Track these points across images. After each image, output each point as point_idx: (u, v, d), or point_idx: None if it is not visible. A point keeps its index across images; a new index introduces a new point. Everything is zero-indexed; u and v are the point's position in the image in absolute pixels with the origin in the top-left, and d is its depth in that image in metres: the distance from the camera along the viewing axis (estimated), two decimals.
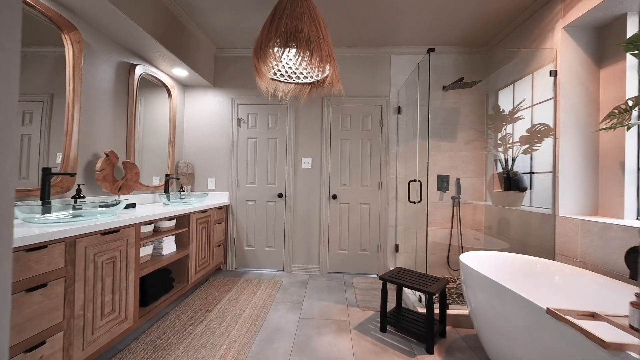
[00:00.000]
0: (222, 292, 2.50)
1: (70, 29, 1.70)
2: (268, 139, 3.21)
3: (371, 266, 3.12)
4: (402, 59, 3.10)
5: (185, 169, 3.07)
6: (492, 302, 1.40)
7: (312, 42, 1.71)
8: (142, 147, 2.59)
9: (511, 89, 2.79)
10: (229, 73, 3.22)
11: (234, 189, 3.20)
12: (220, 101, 3.22)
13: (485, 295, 1.47)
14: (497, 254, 1.88)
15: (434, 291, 1.65)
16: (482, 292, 1.50)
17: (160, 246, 2.06)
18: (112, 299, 1.46)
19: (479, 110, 3.05)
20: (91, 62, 1.94)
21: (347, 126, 3.16)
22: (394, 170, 3.09)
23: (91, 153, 1.93)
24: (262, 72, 1.87)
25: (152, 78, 2.61)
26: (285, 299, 2.42)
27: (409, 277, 1.91)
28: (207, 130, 3.23)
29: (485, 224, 2.94)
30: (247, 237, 3.21)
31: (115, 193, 2.00)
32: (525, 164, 2.57)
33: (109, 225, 1.42)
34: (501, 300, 1.34)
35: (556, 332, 1.04)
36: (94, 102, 1.97)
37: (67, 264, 1.22)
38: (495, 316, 1.39)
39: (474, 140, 3.05)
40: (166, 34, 2.32)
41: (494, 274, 1.78)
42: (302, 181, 3.17)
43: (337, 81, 2.00)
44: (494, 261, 1.87)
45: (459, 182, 3.01)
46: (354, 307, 2.30)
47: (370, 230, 3.12)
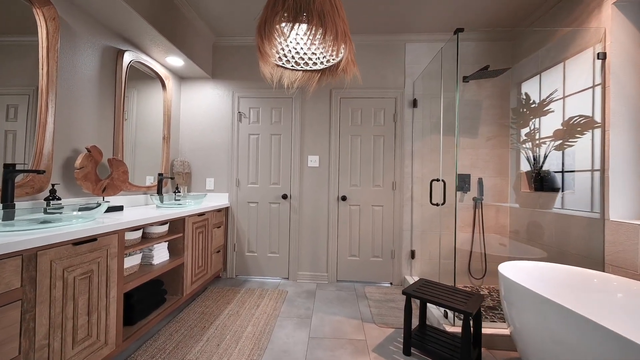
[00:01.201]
0: (221, 304, 2.25)
1: (43, 2, 1.45)
2: (271, 135, 2.96)
3: (384, 274, 2.86)
4: (418, 48, 2.84)
5: (181, 168, 2.83)
6: (552, 328, 1.14)
7: (325, 16, 1.46)
8: (135, 143, 2.34)
9: (537, 80, 2.53)
10: (229, 63, 2.98)
11: (235, 190, 2.95)
12: (219, 94, 2.98)
13: (538, 317, 1.21)
14: (541, 264, 1.61)
15: (471, 311, 1.39)
16: (533, 312, 1.24)
17: (150, 255, 1.81)
18: (87, 322, 1.21)
19: (502, 103, 2.79)
20: (70, 44, 1.69)
21: (357, 121, 2.90)
22: (409, 169, 2.84)
23: (70, 148, 1.69)
24: (267, 54, 1.62)
25: (143, 67, 2.37)
26: (292, 312, 2.17)
27: (436, 292, 1.65)
28: (205, 125, 2.98)
29: (511, 228, 2.67)
30: (249, 242, 2.95)
31: (98, 194, 1.75)
32: (558, 162, 2.30)
33: (83, 233, 1.17)
34: (566, 327, 1.08)
35: None
36: (74, 90, 1.73)
37: (25, 283, 0.97)
38: (554, 344, 1.13)
39: (497, 136, 2.78)
40: (159, 16, 2.07)
41: (542, 289, 1.52)
42: (308, 181, 2.92)
43: (352, 65, 1.75)
44: (539, 273, 1.60)
45: (481, 182, 2.74)
46: (370, 322, 2.04)
47: (383, 235, 2.86)
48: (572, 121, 2.10)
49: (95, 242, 1.24)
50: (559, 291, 1.50)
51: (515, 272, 1.57)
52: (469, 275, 2.73)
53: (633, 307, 1.37)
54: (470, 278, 2.73)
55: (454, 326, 1.81)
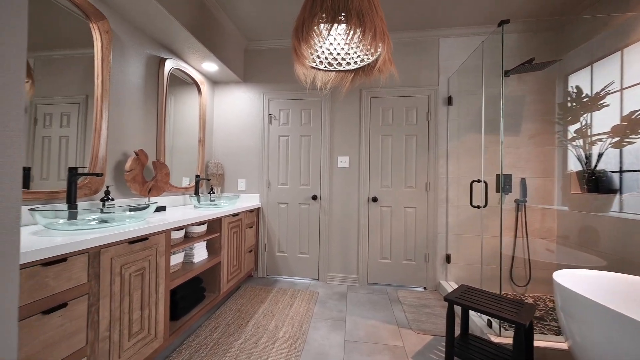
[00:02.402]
0: (255, 303, 2.29)
1: (99, 17, 1.57)
2: (301, 137, 2.98)
3: (417, 278, 2.77)
4: (453, 43, 2.72)
5: (215, 170, 2.93)
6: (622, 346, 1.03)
7: (364, 15, 1.44)
8: (172, 146, 2.46)
9: (587, 72, 2.33)
10: (259, 67, 3.04)
11: (265, 191, 3.00)
12: (250, 97, 3.05)
13: (606, 333, 1.10)
14: (604, 274, 1.47)
15: (525, 322, 1.29)
16: (600, 327, 1.13)
17: (191, 253, 1.89)
18: (140, 316, 1.28)
19: (547, 98, 2.59)
20: (120, 54, 1.81)
21: (388, 120, 2.84)
22: (443, 170, 2.72)
23: (121, 152, 1.80)
24: (303, 56, 1.62)
25: (181, 74, 2.48)
26: (325, 314, 2.16)
27: (481, 299, 1.56)
28: (237, 128, 3.07)
29: (559, 233, 2.47)
30: (279, 243, 2.99)
31: (145, 195, 1.86)
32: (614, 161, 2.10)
33: (137, 233, 1.24)
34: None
35: None
36: (123, 97, 1.84)
37: (91, 278, 1.04)
38: None
39: (541, 133, 2.59)
40: (196, 24, 2.16)
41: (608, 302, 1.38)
42: (338, 182, 2.90)
43: (389, 64, 1.70)
44: (602, 283, 1.46)
45: (524, 183, 2.57)
46: (406, 328, 1.98)
47: (417, 238, 2.77)
48: (634, 115, 1.90)
49: (146, 241, 1.31)
50: (628, 305, 1.36)
51: (574, 281, 1.44)
52: (511, 282, 2.56)
53: None
54: (513, 285, 2.56)
55: (501, 337, 1.71)
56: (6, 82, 0.63)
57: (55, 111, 1.50)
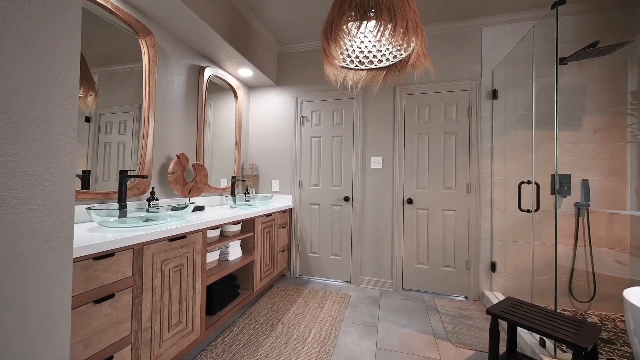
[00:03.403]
0: (287, 303, 2.32)
1: (146, 33, 1.72)
2: (333, 137, 2.96)
3: (458, 286, 2.58)
4: (498, 31, 2.49)
5: (250, 171, 3.04)
6: None
7: (395, 9, 1.37)
8: (212, 149, 2.61)
9: None
10: (292, 70, 3.09)
11: (298, 192, 3.04)
12: (283, 100, 3.11)
13: None
14: None
15: (587, 345, 1.12)
16: None
17: (226, 251, 1.98)
18: (178, 310, 1.37)
19: (616, 86, 2.23)
20: (164, 65, 1.96)
21: (424, 118, 2.69)
22: (487, 169, 2.50)
23: (165, 156, 1.96)
24: (332, 56, 1.60)
25: (219, 80, 2.62)
26: (356, 319, 2.11)
27: (531, 315, 1.39)
28: (271, 130, 3.15)
29: (633, 243, 2.11)
30: (311, 243, 3.00)
31: (185, 195, 1.99)
32: None
33: (176, 231, 1.32)
34: None
35: None
36: (167, 105, 2.00)
37: (135, 272, 1.13)
38: None
39: (609, 127, 2.24)
40: (232, 32, 2.26)
41: None
42: (371, 183, 2.82)
43: (424, 58, 1.61)
44: None
45: (587, 184, 2.25)
46: (444, 340, 1.85)
47: (457, 243, 2.58)
48: None
49: (184, 239, 1.39)
50: None
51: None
52: (570, 296, 2.26)
53: None
54: (572, 300, 2.26)
55: (555, 359, 1.50)
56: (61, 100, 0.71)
57: (115, 120, 1.68)
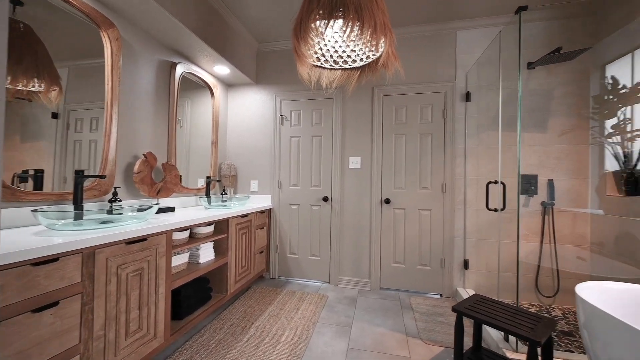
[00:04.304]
0: (263, 305, 2.28)
1: (108, 25, 1.63)
2: (312, 137, 2.94)
3: (432, 284, 2.62)
4: (471, 35, 2.55)
5: (227, 171, 2.98)
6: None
7: (362, 9, 1.37)
8: (189, 148, 2.54)
9: (628, 59, 2.07)
10: (271, 68, 3.05)
11: (277, 192, 3.00)
12: (262, 99, 3.07)
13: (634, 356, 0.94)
14: (636, 287, 1.28)
15: (540, 339, 1.15)
16: (628, 350, 0.97)
17: (197, 254, 1.92)
18: (138, 316, 1.31)
19: (580, 90, 2.34)
20: (131, 61, 1.88)
21: (402, 119, 2.72)
22: (461, 170, 2.56)
23: (131, 155, 1.87)
24: (303, 55, 1.58)
25: (194, 77, 2.54)
26: (332, 319, 2.10)
27: (494, 312, 1.43)
28: (250, 129, 3.10)
29: (593, 240, 2.22)
30: (291, 244, 2.97)
31: (153, 196, 1.92)
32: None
33: (135, 233, 1.26)
34: None
35: None
36: (134, 101, 1.92)
37: (85, 278, 1.07)
38: None
39: (573, 129, 2.34)
40: (206, 29, 2.20)
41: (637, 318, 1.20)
42: (349, 183, 2.83)
43: (394, 59, 1.61)
44: (630, 296, 1.28)
45: (552, 184, 2.34)
46: (415, 338, 1.87)
47: (432, 242, 2.62)
48: None
49: (145, 242, 1.33)
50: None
51: (601, 295, 1.27)
52: (536, 292, 2.34)
53: None
54: (539, 295, 2.34)
55: (518, 352, 1.55)
56: None
57: (86, 116, 1.59)
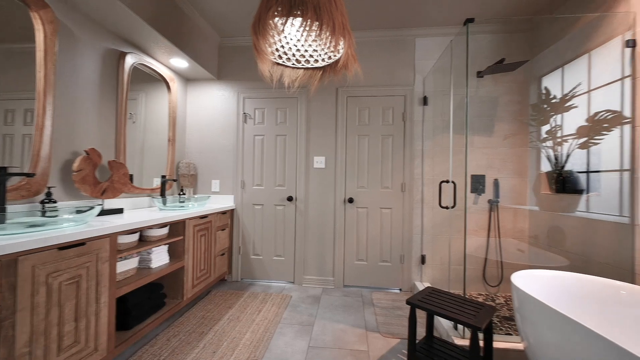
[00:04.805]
0: (223, 309, 2.20)
1: (40, 5, 1.46)
2: (276, 136, 2.91)
3: (393, 280, 2.73)
4: (428, 42, 2.70)
5: (186, 170, 2.82)
6: (570, 348, 1.00)
7: (321, 9, 1.38)
8: (143, 145, 2.36)
9: (559, 73, 2.34)
10: (234, 64, 2.95)
11: (240, 192, 2.92)
12: (225, 95, 2.96)
13: (555, 335, 1.07)
14: (561, 274, 1.46)
15: (480, 325, 1.26)
16: (550, 329, 1.10)
17: (148, 258, 1.79)
18: (75, 328, 1.18)
19: (521, 99, 2.60)
20: (70, 47, 1.70)
21: (365, 120, 2.80)
22: (419, 170, 2.70)
23: (70, 151, 1.69)
24: (263, 51, 1.56)
25: (147, 69, 2.38)
26: (294, 319, 2.09)
27: (444, 302, 1.53)
28: (211, 127, 2.97)
29: (530, 233, 2.48)
30: (254, 245, 2.91)
31: (97, 197, 1.75)
32: (581, 161, 2.11)
33: (71, 237, 1.14)
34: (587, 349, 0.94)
35: None
36: (74, 93, 1.73)
37: (4, 289, 0.94)
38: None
39: (515, 134, 2.60)
40: (160, 18, 2.06)
41: (563, 302, 1.37)
42: (314, 183, 2.84)
43: (353, 61, 1.66)
44: (558, 283, 1.45)
45: (497, 184, 2.57)
46: (375, 332, 1.93)
47: (392, 239, 2.74)
48: (597, 117, 1.91)
49: (83, 247, 1.21)
50: (583, 304, 1.35)
51: (532, 282, 1.42)
52: (484, 282, 2.56)
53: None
54: (486, 285, 2.56)
55: (464, 339, 1.68)
56: None
57: (19, 107, 1.42)
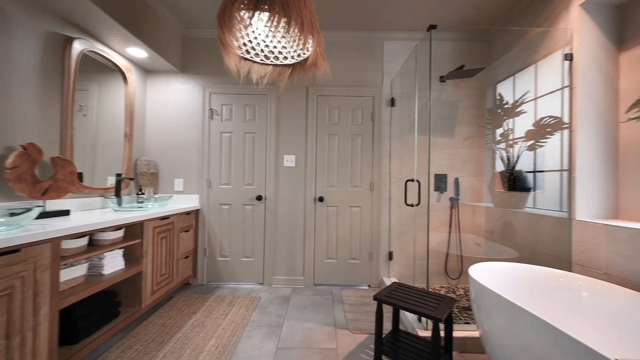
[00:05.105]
0: (186, 314, 2.09)
1: None
2: (245, 134, 2.82)
3: (362, 276, 2.79)
4: (395, 46, 2.80)
5: (146, 168, 2.63)
6: (518, 332, 1.09)
7: (289, 5, 1.36)
8: (95, 141, 2.16)
9: (511, 81, 2.55)
10: (200, 57, 2.81)
11: (206, 191, 2.79)
12: (189, 89, 2.81)
13: (505, 321, 1.17)
14: (512, 265, 1.59)
15: (441, 317, 1.33)
16: (500, 316, 1.19)
17: (100, 264, 1.64)
18: (6, 347, 1.04)
19: (479, 103, 2.79)
20: (1, 28, 1.49)
21: (335, 119, 2.82)
22: (387, 169, 2.78)
23: (2, 146, 1.49)
24: (229, 45, 1.50)
25: (100, 58, 2.17)
26: (263, 321, 2.05)
27: (408, 296, 1.59)
28: (174, 122, 2.80)
29: (486, 228, 2.68)
30: (221, 247, 2.80)
31: (37, 197, 1.56)
32: (529, 162, 2.32)
33: (2, 244, 1.00)
34: (532, 333, 1.03)
35: None
36: (8, 80, 1.53)
37: None
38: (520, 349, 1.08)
39: (474, 136, 2.79)
40: (115, 2, 1.90)
41: (514, 290, 1.49)
42: (284, 182, 2.81)
43: (322, 60, 1.66)
44: (510, 274, 1.58)
45: (458, 182, 2.74)
46: (344, 329, 1.96)
47: (362, 237, 2.80)
48: (542, 122, 2.11)
49: (18, 254, 1.07)
50: (532, 292, 1.48)
51: (488, 274, 1.53)
52: (445, 275, 2.71)
53: (597, 307, 1.37)
54: (447, 278, 2.72)
55: (427, 330, 1.76)
56: None
57: None
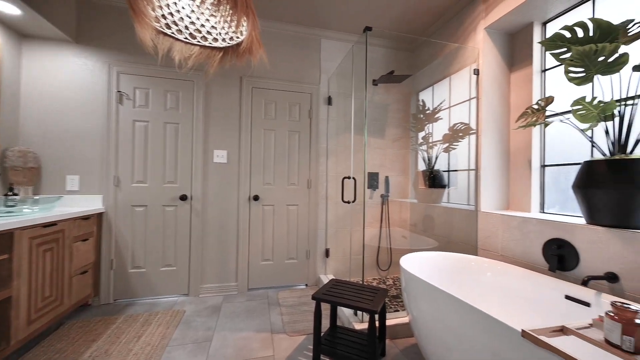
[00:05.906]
0: (83, 344, 1.67)
1: None
2: (165, 124, 2.44)
3: (299, 276, 2.74)
4: (332, 45, 2.82)
5: (20, 162, 2.02)
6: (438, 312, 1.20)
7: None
8: None
9: (431, 90, 2.86)
10: (104, 26, 2.31)
11: (112, 190, 2.31)
12: (87, 65, 2.27)
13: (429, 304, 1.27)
14: (435, 254, 1.76)
15: (376, 309, 1.37)
16: (425, 300, 1.30)
17: None
18: None
19: (406, 108, 3.05)
20: None
21: (271, 114, 2.69)
22: (323, 167, 2.79)
23: None
24: (142, 12, 1.24)
25: None
26: (187, 337, 1.79)
27: (345, 292, 1.60)
28: (66, 106, 2.23)
29: (411, 222, 2.95)
30: (134, 256, 2.36)
31: None
32: (445, 162, 2.65)
33: None
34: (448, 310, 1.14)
35: (526, 353, 0.87)
36: None
37: None
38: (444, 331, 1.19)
39: (401, 138, 3.03)
40: None
41: (437, 277, 1.65)
42: (214, 179, 2.54)
43: (258, 46, 1.52)
44: (434, 262, 1.74)
45: (388, 180, 2.94)
46: (281, 333, 1.87)
47: (299, 236, 2.74)
48: (455, 127, 2.42)
49: None
50: (451, 277, 1.67)
51: (418, 263, 1.66)
52: (377, 267, 2.88)
53: (498, 284, 1.62)
54: (379, 270, 2.89)
55: (363, 322, 1.82)
56: None
57: None
